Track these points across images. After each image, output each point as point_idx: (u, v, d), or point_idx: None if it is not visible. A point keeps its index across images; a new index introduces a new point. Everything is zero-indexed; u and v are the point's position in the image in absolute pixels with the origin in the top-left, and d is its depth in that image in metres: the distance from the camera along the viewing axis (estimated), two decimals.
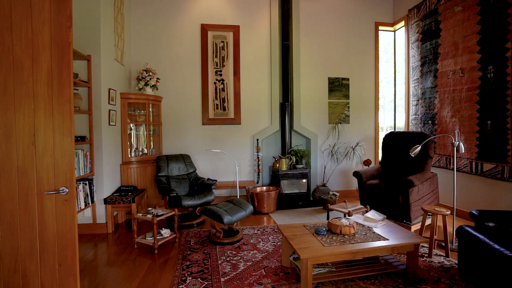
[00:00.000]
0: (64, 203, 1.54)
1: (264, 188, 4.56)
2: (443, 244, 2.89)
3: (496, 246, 2.01)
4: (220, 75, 4.84)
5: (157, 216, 2.98)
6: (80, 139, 3.14)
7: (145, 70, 4.21)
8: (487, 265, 2.07)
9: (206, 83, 4.78)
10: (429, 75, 4.52)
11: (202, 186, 4.01)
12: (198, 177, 4.22)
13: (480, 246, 2.13)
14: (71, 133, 1.54)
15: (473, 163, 3.78)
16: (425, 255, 2.82)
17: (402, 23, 5.18)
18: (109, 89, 3.62)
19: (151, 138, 4.42)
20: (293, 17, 4.94)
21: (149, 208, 3.18)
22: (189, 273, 2.50)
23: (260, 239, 3.25)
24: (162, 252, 2.96)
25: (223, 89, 4.85)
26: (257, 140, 4.87)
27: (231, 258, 2.78)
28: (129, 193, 3.64)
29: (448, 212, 2.81)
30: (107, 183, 3.58)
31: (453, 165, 3.21)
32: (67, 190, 1.53)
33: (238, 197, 4.16)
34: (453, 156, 3.30)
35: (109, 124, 3.62)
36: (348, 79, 5.21)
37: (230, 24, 4.81)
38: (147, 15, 4.57)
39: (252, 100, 4.93)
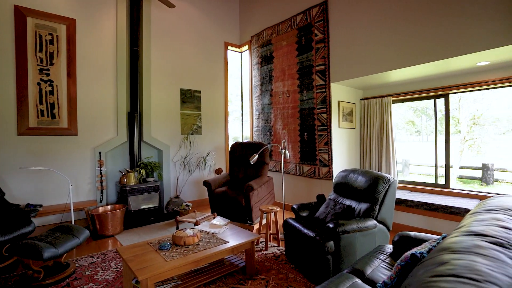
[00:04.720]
0: None
1: (109, 207, 4.01)
2: (276, 237, 3.43)
3: (305, 230, 2.57)
4: (48, 74, 3.94)
5: None
6: None
7: None
8: (300, 245, 2.61)
9: (24, 83, 3.77)
10: (267, 93, 5.36)
11: (15, 215, 3.07)
12: (9, 204, 3.23)
13: (296, 232, 2.67)
14: None
15: (298, 166, 4.73)
16: (263, 249, 3.26)
17: (247, 46, 5.93)
18: None
19: None
20: (143, 23, 4.69)
21: None
22: None
23: (99, 268, 2.81)
24: None
25: (51, 92, 3.97)
26: (100, 153, 4.25)
27: None
28: None
29: (278, 209, 3.37)
30: None
31: (282, 169, 3.91)
32: None
33: (73, 221, 3.48)
34: (281, 162, 4.06)
35: None
36: (200, 92, 5.42)
37: (62, 15, 4.02)
38: None
39: (93, 108, 4.27)
